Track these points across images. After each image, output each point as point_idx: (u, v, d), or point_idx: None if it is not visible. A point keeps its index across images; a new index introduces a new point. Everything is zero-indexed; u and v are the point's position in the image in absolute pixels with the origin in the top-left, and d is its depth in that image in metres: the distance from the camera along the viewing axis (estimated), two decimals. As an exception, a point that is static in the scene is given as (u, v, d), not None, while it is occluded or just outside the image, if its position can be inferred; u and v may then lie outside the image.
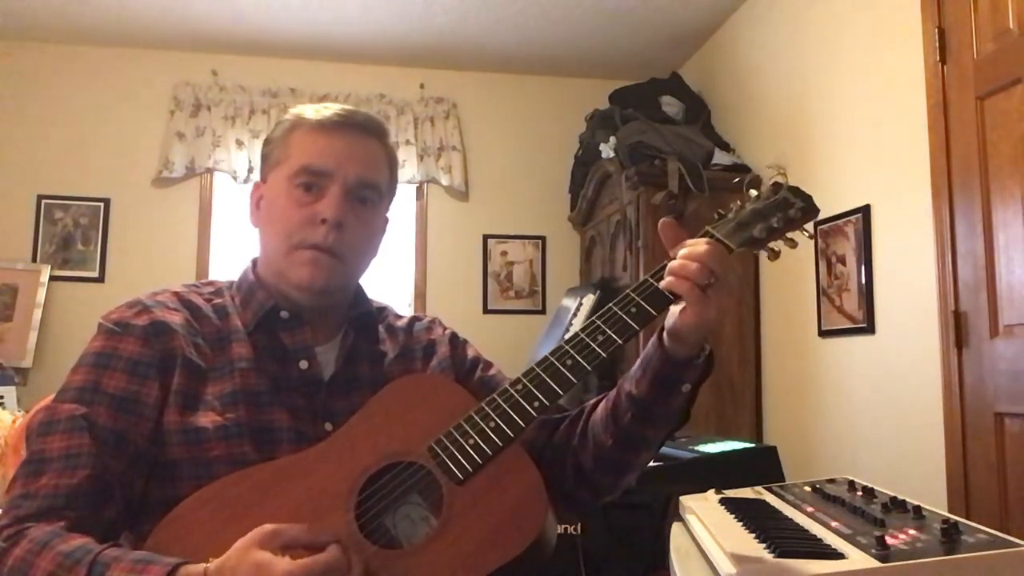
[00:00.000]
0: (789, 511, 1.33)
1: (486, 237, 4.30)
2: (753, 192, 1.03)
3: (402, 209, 4.32)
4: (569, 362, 0.92)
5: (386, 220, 1.13)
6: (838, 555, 1.03)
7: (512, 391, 0.92)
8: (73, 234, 3.99)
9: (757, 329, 3.29)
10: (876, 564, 0.98)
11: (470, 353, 1.18)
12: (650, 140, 3.35)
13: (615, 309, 0.95)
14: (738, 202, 1.03)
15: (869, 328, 2.55)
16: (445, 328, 1.21)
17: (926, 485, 2.20)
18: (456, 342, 1.19)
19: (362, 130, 1.06)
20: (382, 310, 1.18)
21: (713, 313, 0.90)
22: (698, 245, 0.94)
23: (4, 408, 3.12)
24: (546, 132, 4.34)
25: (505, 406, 0.91)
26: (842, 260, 2.72)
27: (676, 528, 1.47)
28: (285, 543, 0.79)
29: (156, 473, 0.94)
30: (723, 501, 1.46)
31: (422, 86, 4.24)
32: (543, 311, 4.27)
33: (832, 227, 2.78)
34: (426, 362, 1.13)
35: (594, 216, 3.96)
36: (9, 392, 3.35)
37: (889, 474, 2.38)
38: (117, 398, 0.93)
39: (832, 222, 2.77)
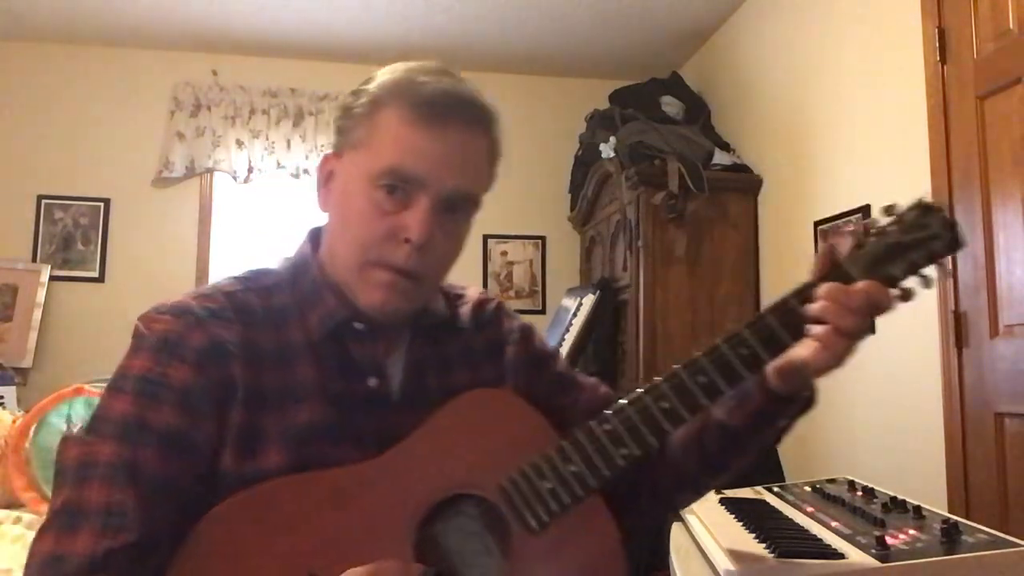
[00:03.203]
0: (789, 511, 1.33)
1: (486, 237, 4.30)
2: (886, 219, 0.86)
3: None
4: (665, 406, 0.81)
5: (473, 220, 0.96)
6: (838, 555, 1.03)
7: (599, 432, 0.82)
8: (73, 234, 3.99)
9: (757, 329, 3.28)
10: (876, 564, 0.98)
11: (538, 345, 1.06)
12: (650, 140, 3.35)
13: (723, 349, 0.83)
14: (864, 228, 0.87)
15: (868, 328, 2.54)
16: (512, 318, 1.07)
17: (926, 485, 2.19)
18: (527, 335, 1.05)
19: (470, 122, 0.88)
20: (449, 300, 1.02)
21: (846, 359, 0.82)
22: (856, 291, 0.81)
23: (4, 408, 3.12)
24: (546, 132, 4.34)
25: (589, 449, 0.82)
26: (842, 260, 2.72)
27: (676, 528, 1.47)
28: None
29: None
30: (723, 501, 1.46)
31: (422, 86, 4.23)
32: (543, 311, 4.27)
33: (832, 227, 2.78)
34: (496, 363, 1.01)
35: (594, 216, 3.96)
36: (9, 392, 3.35)
37: (889, 474, 2.37)
38: (166, 437, 0.79)
39: (832, 222, 2.77)
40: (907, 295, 0.84)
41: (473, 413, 0.88)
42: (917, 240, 0.83)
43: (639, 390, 0.83)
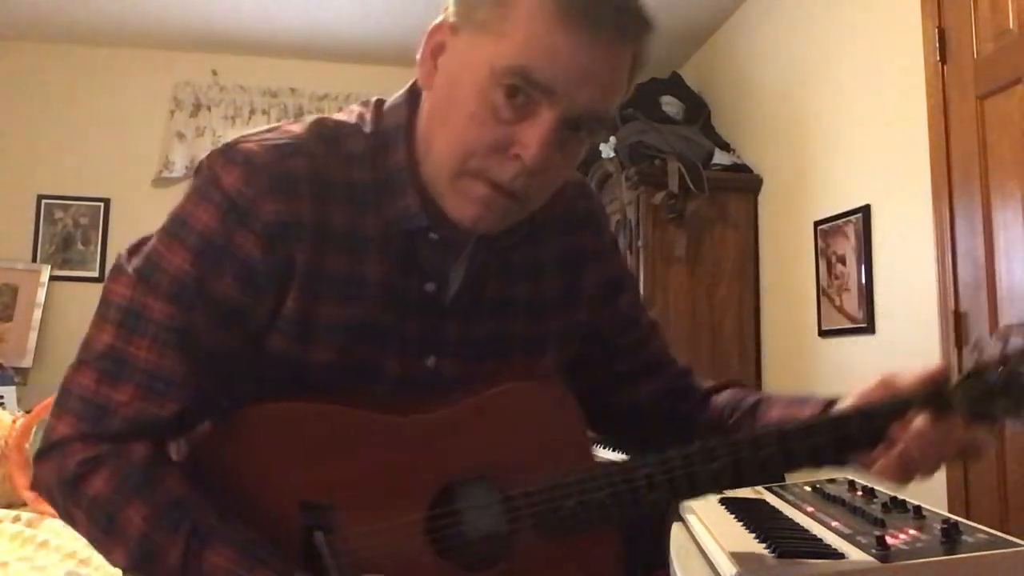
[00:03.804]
0: (789, 511, 1.33)
1: (486, 237, 4.30)
2: (990, 357, 0.75)
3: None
4: (715, 466, 0.77)
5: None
6: (838, 555, 1.03)
7: (638, 473, 0.78)
8: (73, 234, 3.99)
9: (757, 329, 3.29)
10: (876, 564, 0.98)
11: (616, 271, 0.98)
12: (650, 140, 3.35)
13: (793, 433, 0.78)
14: (987, 356, 0.75)
15: (869, 328, 2.55)
16: (604, 229, 0.97)
17: (926, 485, 2.19)
18: (609, 257, 0.97)
19: (622, 29, 0.75)
20: (545, 222, 0.89)
21: (908, 484, 0.77)
22: (956, 437, 0.74)
23: (4, 408, 3.12)
24: (546, 132, 4.33)
25: (621, 485, 0.78)
26: (842, 260, 2.72)
27: (676, 528, 1.47)
28: None
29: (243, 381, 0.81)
30: (723, 501, 1.46)
31: (422, 86, 4.24)
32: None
33: (832, 227, 2.78)
34: (565, 278, 0.92)
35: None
36: (9, 392, 3.35)
37: (889, 474, 2.37)
38: (224, 309, 0.76)
39: (832, 222, 2.77)
40: (990, 433, 0.76)
41: (521, 405, 0.84)
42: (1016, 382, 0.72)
43: (697, 446, 0.79)
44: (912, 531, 1.11)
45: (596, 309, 0.94)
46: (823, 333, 2.82)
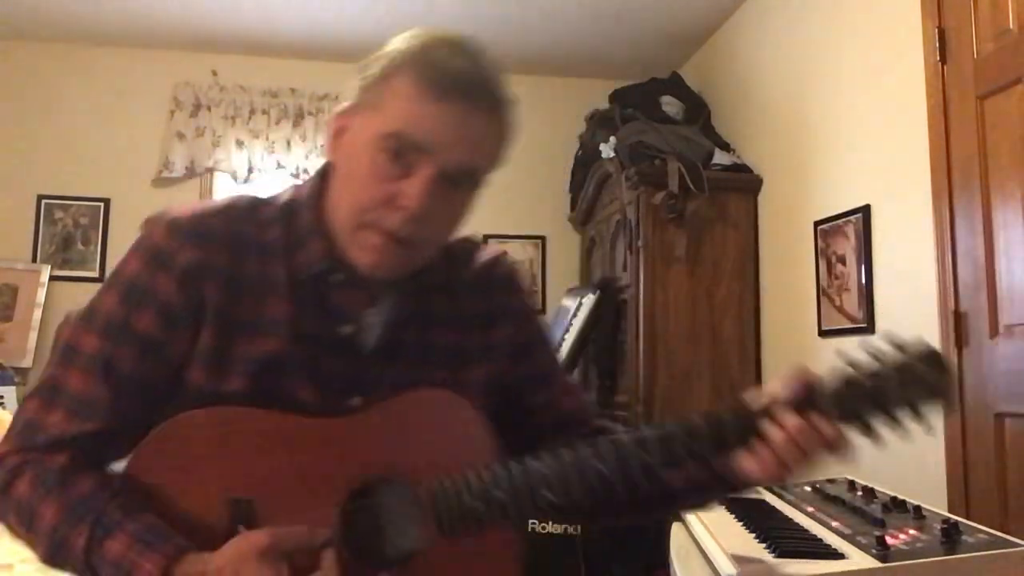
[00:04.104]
0: (789, 511, 1.34)
1: (486, 237, 4.30)
2: (884, 358, 0.83)
3: (402, 209, 4.32)
4: (602, 469, 0.83)
5: (477, 196, 0.95)
6: (838, 555, 1.03)
7: (533, 468, 0.84)
8: (73, 234, 3.99)
9: (757, 329, 3.28)
10: (876, 564, 0.98)
11: (534, 332, 1.06)
12: (650, 140, 3.35)
13: (675, 434, 0.85)
14: (853, 364, 0.84)
15: (869, 328, 2.55)
16: (520, 293, 1.06)
17: (926, 485, 2.19)
18: (526, 317, 1.06)
19: (480, 101, 0.87)
20: (447, 257, 0.99)
21: (782, 482, 0.86)
22: (817, 434, 0.81)
23: (4, 408, 3.12)
24: (546, 132, 4.33)
25: (518, 481, 0.84)
26: (842, 260, 2.72)
27: (676, 528, 1.47)
28: (283, 553, 0.79)
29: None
30: (723, 501, 1.46)
31: (422, 86, 4.24)
32: (543, 311, 4.27)
33: (832, 227, 2.78)
34: (483, 333, 1.00)
35: (594, 216, 3.96)
36: (9, 392, 3.35)
37: (889, 474, 2.37)
38: (144, 342, 0.87)
39: (832, 222, 2.77)
40: (875, 439, 0.82)
41: (430, 413, 0.91)
42: (909, 394, 0.80)
43: (586, 444, 0.85)
44: (912, 531, 1.11)
45: (511, 366, 1.02)
46: (823, 333, 2.82)
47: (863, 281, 2.59)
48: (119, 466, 0.89)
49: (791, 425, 0.81)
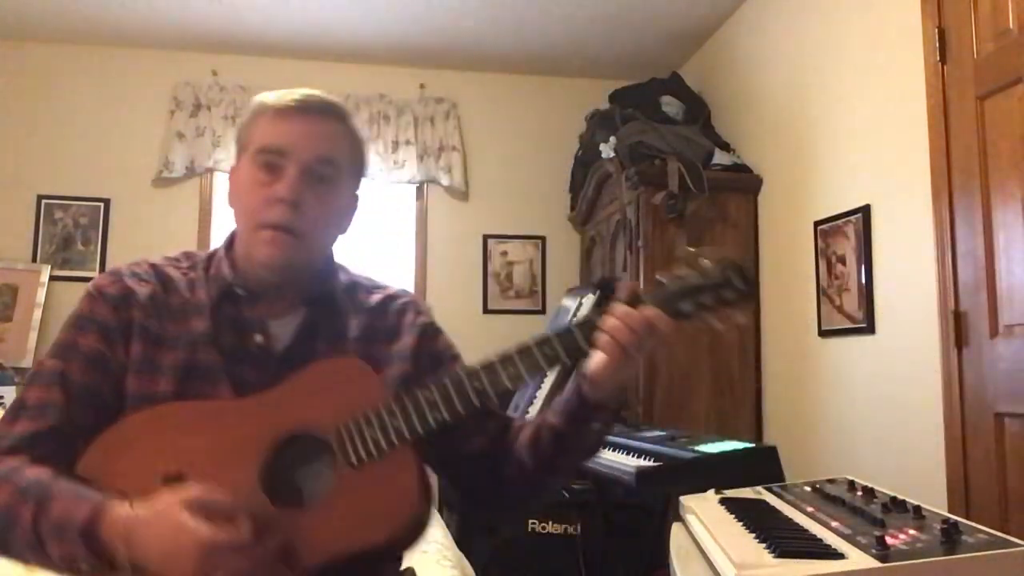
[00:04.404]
0: (789, 511, 1.34)
1: (486, 237, 4.30)
2: (693, 266, 1.03)
3: (402, 209, 4.32)
4: (477, 385, 1.00)
5: (355, 198, 1.18)
6: (838, 555, 1.03)
7: (421, 396, 1.00)
8: (73, 234, 3.99)
9: (757, 329, 3.29)
10: (876, 564, 0.98)
11: (440, 347, 1.20)
12: (650, 140, 3.35)
13: (532, 347, 1.01)
14: (680, 270, 1.04)
15: (869, 328, 2.55)
16: (420, 314, 1.21)
17: (926, 485, 2.20)
18: (427, 334, 1.19)
19: (318, 112, 1.11)
20: (354, 286, 1.19)
21: (632, 372, 1.01)
22: (638, 313, 0.99)
23: (4, 408, 3.11)
24: (546, 132, 4.34)
25: (410, 409, 0.99)
26: (842, 260, 2.72)
27: (676, 528, 1.47)
28: (207, 511, 0.88)
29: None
30: (723, 501, 1.46)
31: (422, 86, 4.24)
32: (543, 311, 4.27)
33: (832, 227, 2.78)
34: (388, 345, 1.15)
35: (594, 216, 3.96)
36: (9, 392, 3.35)
37: (889, 474, 2.38)
38: (90, 357, 1.06)
39: (832, 222, 2.77)
40: (703, 326, 1.01)
41: (331, 375, 1.05)
42: (709, 287, 1.00)
43: (460, 371, 1.02)
44: (912, 531, 1.11)
45: (422, 371, 1.14)
46: (823, 333, 2.82)
47: (863, 281, 2.59)
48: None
49: (620, 311, 0.99)
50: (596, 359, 1.00)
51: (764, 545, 1.11)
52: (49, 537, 0.92)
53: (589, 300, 3.52)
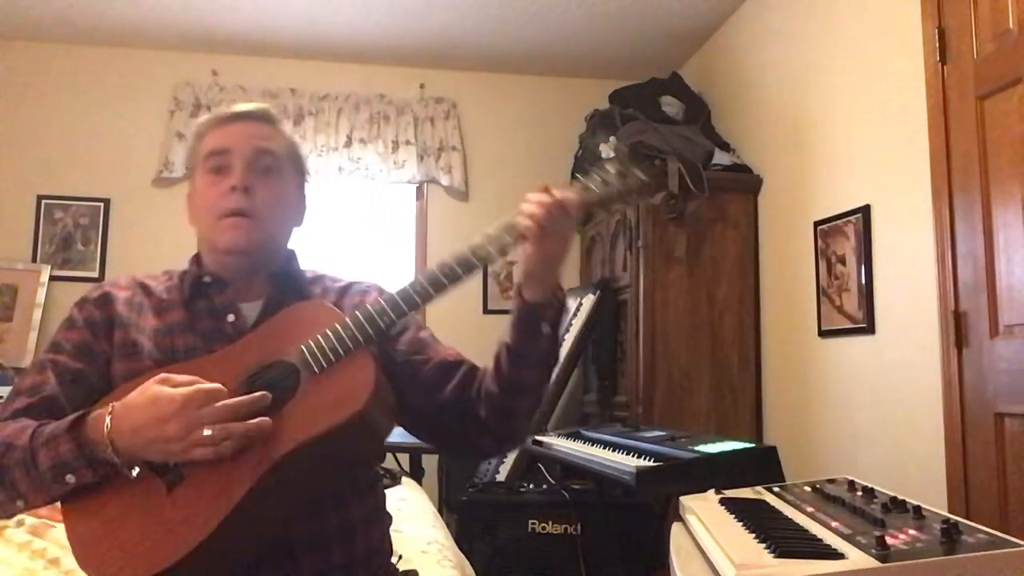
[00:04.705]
0: (789, 511, 1.33)
1: (486, 237, 4.30)
2: (603, 171, 1.17)
3: (402, 209, 4.32)
4: (419, 288, 1.12)
5: (302, 195, 1.32)
6: (838, 555, 1.03)
7: (371, 308, 1.12)
8: (73, 234, 3.99)
9: (757, 329, 3.29)
10: (876, 564, 0.98)
11: (408, 320, 1.29)
12: (650, 140, 3.35)
13: (465, 251, 1.12)
14: (591, 181, 1.17)
15: (869, 328, 2.55)
16: (383, 293, 1.29)
17: (926, 485, 2.20)
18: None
19: (254, 117, 1.28)
20: (320, 278, 1.32)
21: (556, 256, 1.10)
22: (549, 196, 1.11)
23: (4, 408, 3.11)
24: (546, 132, 4.33)
25: (362, 319, 1.11)
26: (842, 260, 2.72)
27: (676, 528, 1.47)
28: (176, 383, 1.01)
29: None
30: (723, 501, 1.46)
31: (422, 86, 4.24)
32: (543, 311, 4.27)
33: (832, 227, 2.78)
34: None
35: (594, 216, 3.96)
36: (8, 392, 3.34)
37: (889, 474, 2.38)
38: (77, 346, 1.19)
39: (832, 222, 2.77)
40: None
41: (295, 314, 1.17)
42: (615, 197, 1.15)
43: (405, 284, 1.13)
44: (912, 531, 1.11)
45: (391, 340, 1.24)
46: (823, 333, 2.82)
47: (863, 281, 2.59)
48: None
49: (534, 196, 1.11)
50: (523, 253, 1.11)
51: (764, 545, 1.11)
52: (40, 448, 1.03)
53: (589, 300, 3.52)
